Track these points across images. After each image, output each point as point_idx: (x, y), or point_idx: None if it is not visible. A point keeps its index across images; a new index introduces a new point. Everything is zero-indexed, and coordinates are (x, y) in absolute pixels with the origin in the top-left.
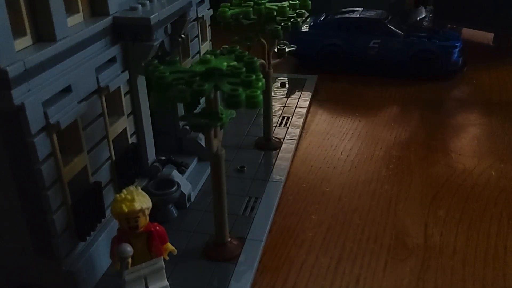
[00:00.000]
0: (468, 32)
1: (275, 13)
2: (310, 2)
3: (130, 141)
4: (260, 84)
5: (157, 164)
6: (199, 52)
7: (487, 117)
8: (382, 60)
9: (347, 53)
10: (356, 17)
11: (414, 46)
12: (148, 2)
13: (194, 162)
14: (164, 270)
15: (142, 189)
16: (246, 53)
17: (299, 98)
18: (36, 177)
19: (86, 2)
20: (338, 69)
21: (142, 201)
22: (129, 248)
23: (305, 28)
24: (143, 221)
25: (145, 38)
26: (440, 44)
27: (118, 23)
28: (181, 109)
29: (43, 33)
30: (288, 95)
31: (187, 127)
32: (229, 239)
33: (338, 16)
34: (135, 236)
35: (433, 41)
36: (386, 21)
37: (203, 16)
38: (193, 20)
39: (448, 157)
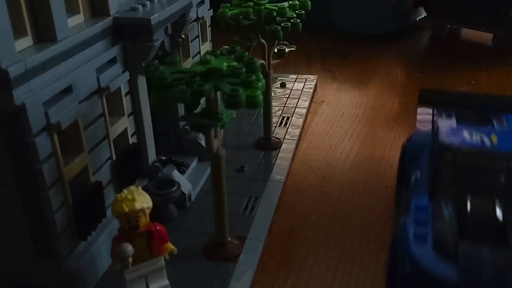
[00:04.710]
0: (467, 32)
1: (275, 14)
2: (310, 2)
3: (130, 141)
4: (260, 84)
5: (157, 164)
6: (199, 52)
7: None
8: None
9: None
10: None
11: None
12: (148, 2)
13: (194, 162)
14: (164, 270)
15: (142, 189)
16: (246, 53)
17: (299, 98)
18: (36, 177)
19: (86, 2)
20: None
21: (142, 201)
22: (129, 248)
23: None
24: (144, 220)
25: (146, 38)
26: None
27: (119, 24)
28: (181, 109)
29: (44, 33)
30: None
31: (188, 127)
32: (229, 239)
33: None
34: (136, 235)
35: None
36: None
37: (203, 16)
38: (194, 21)
39: None
